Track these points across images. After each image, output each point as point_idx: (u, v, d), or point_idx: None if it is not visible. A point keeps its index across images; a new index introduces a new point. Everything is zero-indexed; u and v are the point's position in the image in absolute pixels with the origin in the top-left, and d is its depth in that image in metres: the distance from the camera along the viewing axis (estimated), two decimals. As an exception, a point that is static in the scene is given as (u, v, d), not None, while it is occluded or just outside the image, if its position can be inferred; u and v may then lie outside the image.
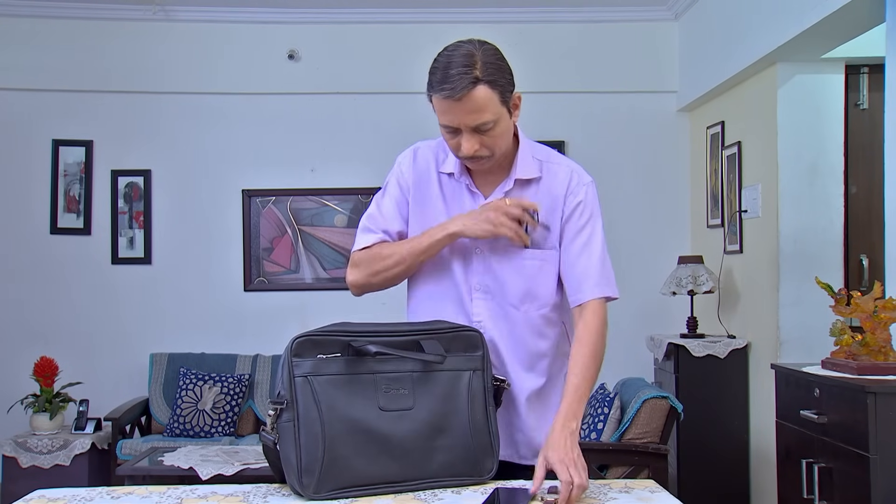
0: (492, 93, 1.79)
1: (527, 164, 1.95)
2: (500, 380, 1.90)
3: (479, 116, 1.79)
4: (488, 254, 1.92)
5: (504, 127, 1.85)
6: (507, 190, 1.93)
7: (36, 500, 1.73)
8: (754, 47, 4.05)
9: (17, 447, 4.35)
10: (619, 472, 3.49)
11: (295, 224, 5.27)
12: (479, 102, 1.78)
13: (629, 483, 1.82)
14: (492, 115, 1.80)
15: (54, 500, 1.71)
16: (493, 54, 1.83)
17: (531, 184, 1.95)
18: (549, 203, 1.93)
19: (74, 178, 5.18)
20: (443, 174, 1.98)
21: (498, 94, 1.81)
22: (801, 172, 4.07)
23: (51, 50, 5.10)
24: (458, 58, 1.79)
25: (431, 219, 1.96)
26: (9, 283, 5.08)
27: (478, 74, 1.77)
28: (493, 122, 1.81)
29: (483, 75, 1.78)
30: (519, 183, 1.94)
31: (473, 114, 1.79)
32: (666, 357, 4.61)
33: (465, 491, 1.75)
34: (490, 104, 1.79)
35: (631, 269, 4.95)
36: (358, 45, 5.21)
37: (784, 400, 3.30)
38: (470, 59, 1.78)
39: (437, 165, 1.99)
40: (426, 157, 2.00)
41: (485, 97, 1.78)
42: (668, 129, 5.32)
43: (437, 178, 1.98)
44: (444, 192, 1.98)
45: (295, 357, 1.72)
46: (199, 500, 1.70)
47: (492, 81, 1.79)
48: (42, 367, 4.45)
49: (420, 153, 2.01)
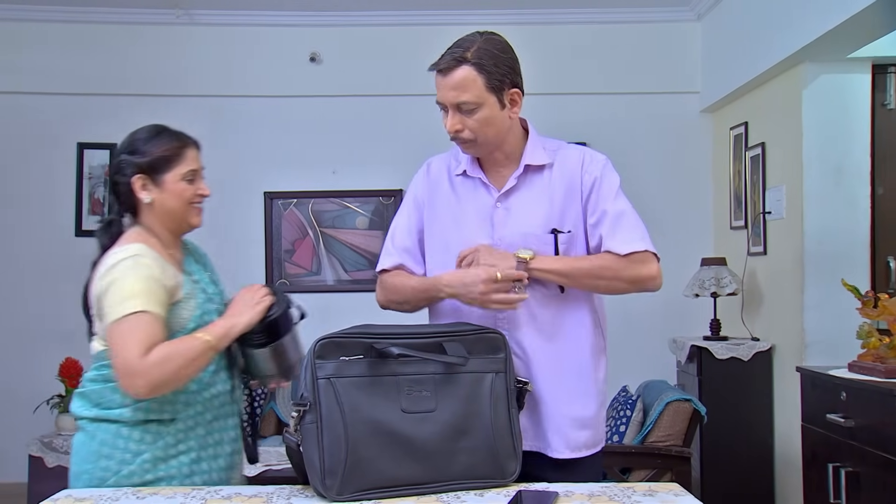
0: (476, 75, 1.86)
1: (536, 151, 2.00)
2: (523, 382, 1.90)
3: (459, 94, 1.87)
4: (505, 248, 1.95)
5: (489, 114, 1.90)
6: (518, 175, 1.97)
7: (63, 499, 1.75)
8: (779, 47, 4.02)
9: (42, 447, 4.39)
10: (641, 475, 3.47)
11: (316, 226, 5.28)
12: (461, 81, 1.87)
13: (653, 486, 1.81)
14: (473, 97, 1.87)
15: (81, 500, 1.73)
16: (493, 44, 1.91)
17: (543, 170, 1.99)
18: (565, 185, 1.97)
19: (99, 181, 5.23)
20: (456, 177, 2.04)
21: (484, 79, 1.87)
22: (826, 173, 4.02)
23: (76, 54, 5.15)
24: (460, 41, 1.91)
25: (445, 219, 2.03)
26: (35, 284, 5.13)
27: (467, 56, 1.86)
28: (476, 106, 1.88)
29: (472, 58, 1.86)
30: (530, 169, 1.98)
31: (454, 91, 1.88)
32: (689, 359, 4.58)
33: (487, 493, 1.74)
34: (472, 86, 1.87)
35: (653, 270, 4.92)
36: (380, 48, 5.22)
37: (810, 403, 3.26)
38: (468, 43, 1.89)
39: (450, 171, 2.06)
40: (438, 168, 2.09)
41: (467, 77, 1.86)
42: (690, 131, 5.28)
43: (450, 182, 2.05)
44: (458, 192, 2.03)
45: (318, 359, 1.73)
46: (223, 500, 1.71)
47: (479, 65, 1.87)
48: (67, 368, 4.49)
49: (433, 165, 2.11)
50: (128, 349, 1.78)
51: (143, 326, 1.79)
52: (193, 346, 1.82)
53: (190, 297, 1.91)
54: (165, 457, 1.86)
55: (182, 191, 1.95)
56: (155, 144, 1.95)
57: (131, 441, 1.85)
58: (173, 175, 1.94)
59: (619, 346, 4.55)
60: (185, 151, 1.96)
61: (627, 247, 1.92)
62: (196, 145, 2.01)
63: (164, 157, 1.94)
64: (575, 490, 1.76)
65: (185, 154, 1.96)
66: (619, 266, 1.92)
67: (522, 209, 1.97)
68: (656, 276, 1.96)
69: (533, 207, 1.96)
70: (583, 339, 1.98)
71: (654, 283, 1.96)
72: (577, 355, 1.97)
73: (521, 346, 1.94)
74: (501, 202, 1.98)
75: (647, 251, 1.95)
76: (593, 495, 1.72)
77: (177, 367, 1.79)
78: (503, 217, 1.97)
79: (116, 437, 1.85)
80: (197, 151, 2.00)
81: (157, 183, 1.94)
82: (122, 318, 1.80)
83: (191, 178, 1.96)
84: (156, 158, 1.94)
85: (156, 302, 1.83)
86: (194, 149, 2.00)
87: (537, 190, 1.97)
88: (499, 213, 1.97)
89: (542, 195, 1.97)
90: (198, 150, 2.01)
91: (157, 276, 1.85)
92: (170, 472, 1.86)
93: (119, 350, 1.80)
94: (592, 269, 1.91)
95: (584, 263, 1.92)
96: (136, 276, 1.83)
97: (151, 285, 1.83)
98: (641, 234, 1.95)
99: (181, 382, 1.83)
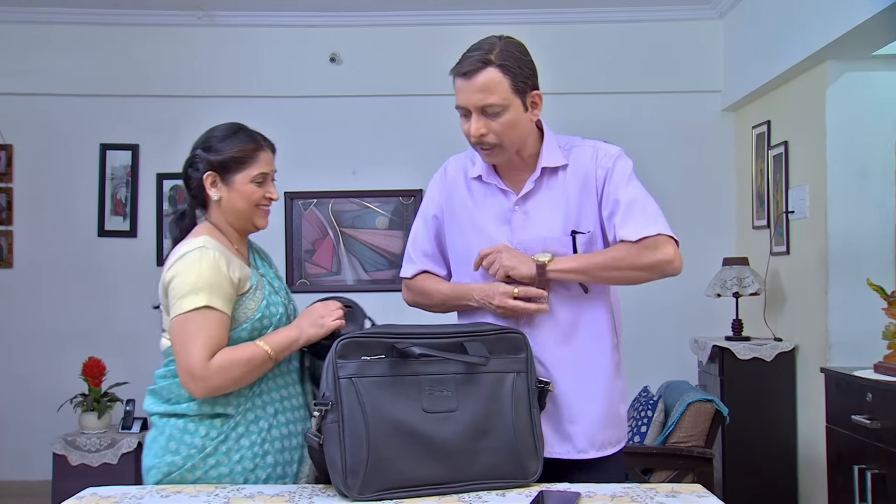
0: (502, 77, 1.84)
1: (552, 153, 1.98)
2: (545, 382, 1.89)
3: (485, 97, 1.84)
4: (528, 246, 1.94)
5: (514, 117, 1.88)
6: (535, 179, 1.96)
7: (88, 497, 1.76)
8: (802, 45, 3.98)
9: (66, 445, 4.44)
10: (663, 476, 3.44)
11: (336, 226, 5.30)
12: (487, 83, 1.84)
13: (676, 487, 1.80)
14: (500, 100, 1.85)
15: (106, 498, 1.74)
16: (514, 46, 1.90)
17: (558, 172, 1.98)
18: (580, 184, 1.96)
19: (121, 182, 5.27)
20: (472, 180, 2.03)
21: (509, 80, 1.85)
22: (850, 172, 3.98)
23: (98, 56, 5.19)
24: (480, 43, 1.88)
25: (464, 223, 2.02)
26: (58, 284, 5.18)
27: (491, 58, 1.84)
28: (502, 108, 1.85)
29: (497, 59, 1.84)
30: (547, 172, 1.97)
31: (480, 93, 1.84)
32: (710, 360, 4.54)
33: (509, 493, 1.74)
34: (498, 88, 1.84)
35: (675, 270, 4.90)
36: (399, 48, 5.23)
37: (835, 404, 3.23)
38: (489, 45, 1.87)
39: (466, 173, 2.05)
40: (455, 168, 2.08)
41: (494, 79, 1.84)
42: (712, 130, 5.24)
43: (467, 184, 2.04)
44: (474, 196, 2.02)
45: (339, 359, 1.73)
46: (246, 499, 1.72)
47: (504, 66, 1.85)
48: (90, 368, 4.53)
49: (450, 166, 2.10)
50: (192, 353, 1.80)
51: (206, 326, 1.81)
52: (254, 356, 1.85)
53: (256, 288, 1.93)
54: (228, 450, 1.86)
55: (250, 193, 1.95)
56: (230, 144, 1.96)
57: (197, 436, 1.86)
58: (243, 176, 1.95)
59: (639, 346, 4.58)
60: (258, 154, 1.97)
61: (639, 232, 1.87)
62: (271, 148, 2.02)
63: (237, 157, 1.94)
64: (597, 490, 1.75)
65: (257, 157, 1.97)
66: (632, 254, 1.87)
67: (540, 212, 1.95)
68: (673, 258, 1.86)
69: (551, 210, 1.95)
70: (601, 338, 1.97)
71: (672, 267, 1.87)
72: (596, 354, 1.96)
73: (539, 346, 1.93)
74: (519, 206, 1.97)
75: (661, 234, 1.87)
76: (616, 496, 1.71)
77: (236, 376, 1.83)
78: (522, 221, 1.96)
79: (183, 432, 1.87)
80: (271, 155, 2.01)
81: (226, 182, 1.95)
82: (185, 313, 1.82)
83: (260, 180, 1.96)
84: (228, 158, 1.94)
85: (220, 296, 1.84)
86: (268, 152, 2.00)
87: (554, 192, 1.96)
88: (517, 217, 1.96)
89: (559, 197, 1.96)
90: (272, 153, 2.02)
91: (222, 268, 1.86)
92: (232, 467, 1.86)
93: (182, 350, 1.82)
94: (606, 261, 1.88)
95: (597, 258, 1.90)
96: (200, 270, 1.84)
97: (217, 278, 1.85)
98: (654, 218, 1.89)
99: (239, 387, 1.86)
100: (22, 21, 5.14)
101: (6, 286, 5.17)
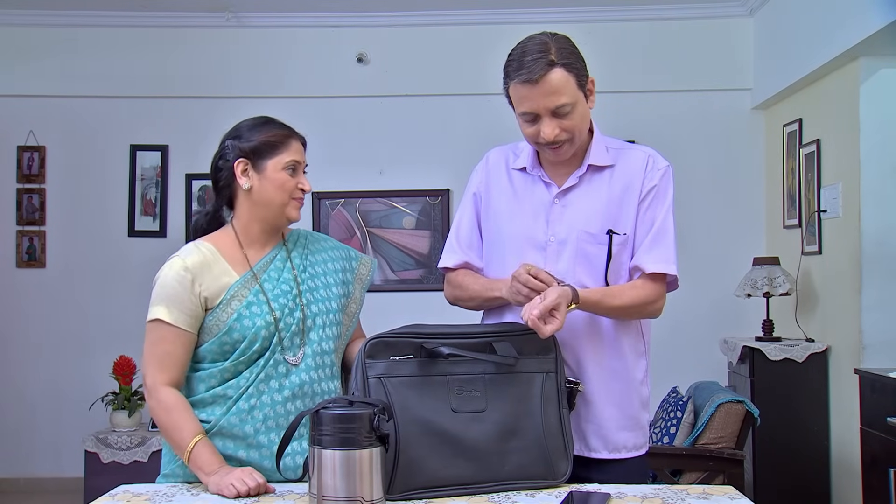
0: (568, 75, 1.83)
1: (600, 151, 1.98)
2: (574, 382, 1.87)
3: (556, 99, 1.83)
4: (557, 246, 1.93)
5: (582, 111, 1.89)
6: (580, 175, 1.95)
7: (121, 494, 1.78)
8: (835, 42, 3.92)
9: (98, 443, 4.49)
10: (692, 478, 3.41)
11: (364, 226, 5.31)
12: (557, 85, 1.82)
13: (707, 489, 1.78)
14: (569, 98, 1.84)
15: (138, 496, 1.75)
16: (566, 42, 1.88)
17: (604, 171, 1.97)
18: (624, 186, 1.95)
19: (151, 182, 5.32)
20: (514, 171, 2.03)
21: (574, 78, 1.85)
22: (884, 171, 3.92)
23: (128, 58, 5.25)
24: (532, 46, 1.84)
25: (502, 213, 2.01)
26: (89, 284, 5.25)
27: (553, 58, 1.82)
28: (571, 106, 1.84)
29: (559, 59, 1.82)
30: (592, 169, 1.97)
31: (551, 96, 1.82)
32: (740, 360, 4.49)
33: (539, 494, 1.73)
34: (567, 87, 1.83)
35: (704, 270, 4.85)
36: (426, 48, 5.23)
37: (869, 406, 3.18)
38: (544, 45, 1.83)
39: (508, 165, 2.05)
40: (497, 160, 2.08)
41: (561, 79, 1.82)
42: (742, 128, 5.19)
43: (508, 175, 2.04)
44: (515, 186, 2.02)
45: (368, 359, 1.73)
46: (276, 498, 1.72)
47: (568, 64, 1.83)
48: (121, 366, 4.57)
49: (492, 157, 2.10)
50: (145, 365, 1.85)
51: (159, 340, 1.83)
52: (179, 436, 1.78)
53: (232, 299, 1.85)
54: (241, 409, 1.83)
55: (283, 181, 1.90)
56: (260, 131, 1.93)
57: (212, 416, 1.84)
58: (275, 163, 1.90)
59: (668, 347, 4.54)
60: (290, 141, 1.94)
61: (657, 266, 1.91)
62: (302, 140, 1.98)
63: (269, 142, 1.91)
64: (627, 492, 1.73)
65: (289, 144, 1.93)
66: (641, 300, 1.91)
67: (580, 207, 1.94)
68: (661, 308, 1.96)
69: (591, 206, 1.94)
70: (625, 341, 1.95)
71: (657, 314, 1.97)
72: (620, 358, 1.95)
73: (566, 348, 1.91)
74: (559, 199, 1.96)
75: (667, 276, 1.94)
76: (646, 497, 1.69)
77: (161, 428, 1.84)
78: (559, 213, 1.95)
79: None
80: (301, 146, 1.97)
81: (258, 169, 1.90)
82: (147, 322, 1.85)
83: (293, 168, 1.93)
84: (260, 143, 1.91)
85: (181, 311, 1.83)
86: (299, 142, 1.97)
87: (596, 189, 1.95)
88: (556, 209, 1.95)
89: (600, 195, 1.94)
90: (303, 144, 1.98)
91: (185, 282, 1.83)
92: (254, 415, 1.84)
93: (143, 361, 1.86)
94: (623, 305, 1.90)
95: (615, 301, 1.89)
96: (164, 281, 1.86)
97: (176, 291, 1.83)
98: (672, 256, 1.94)
99: None
100: (53, 24, 5.21)
101: (40, 286, 5.24)
